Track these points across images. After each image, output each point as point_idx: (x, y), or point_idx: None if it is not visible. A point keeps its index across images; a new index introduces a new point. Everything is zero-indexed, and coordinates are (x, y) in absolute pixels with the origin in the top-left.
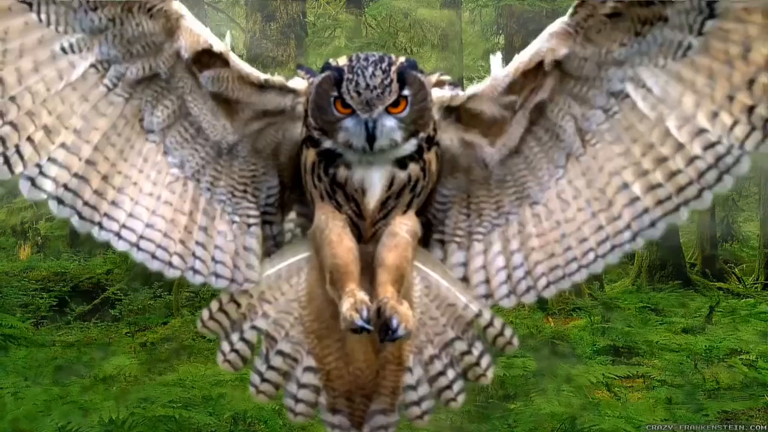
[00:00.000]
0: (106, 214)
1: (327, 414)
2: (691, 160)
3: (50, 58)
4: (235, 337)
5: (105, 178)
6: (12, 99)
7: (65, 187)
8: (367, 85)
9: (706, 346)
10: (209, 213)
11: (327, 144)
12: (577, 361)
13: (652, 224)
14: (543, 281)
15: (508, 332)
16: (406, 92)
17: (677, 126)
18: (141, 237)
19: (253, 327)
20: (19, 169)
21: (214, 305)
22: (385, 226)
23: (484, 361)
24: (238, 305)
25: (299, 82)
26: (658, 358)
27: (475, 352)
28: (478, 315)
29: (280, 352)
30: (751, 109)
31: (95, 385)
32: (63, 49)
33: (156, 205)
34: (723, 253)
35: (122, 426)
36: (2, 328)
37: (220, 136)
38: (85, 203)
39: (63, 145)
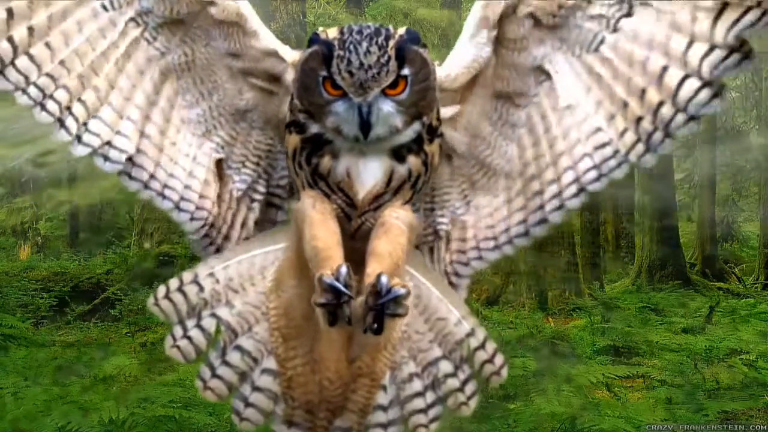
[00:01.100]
0: (152, 176)
1: (281, 426)
2: (582, 157)
3: (92, 17)
4: (190, 322)
5: (143, 134)
6: (62, 63)
7: (110, 144)
8: (361, 64)
9: (706, 346)
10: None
11: (314, 129)
12: (577, 361)
13: (539, 223)
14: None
15: (498, 360)
16: (406, 71)
17: (580, 120)
18: (164, 186)
19: (214, 315)
20: (74, 130)
21: (173, 283)
22: (375, 218)
23: (469, 389)
24: (201, 288)
25: (291, 52)
26: (658, 358)
27: (461, 375)
28: (470, 334)
29: (239, 348)
30: (638, 120)
31: (95, 385)
32: (104, 6)
33: (184, 162)
34: (723, 253)
35: (122, 426)
36: (2, 328)
37: (236, 99)
38: (130, 159)
39: (110, 104)
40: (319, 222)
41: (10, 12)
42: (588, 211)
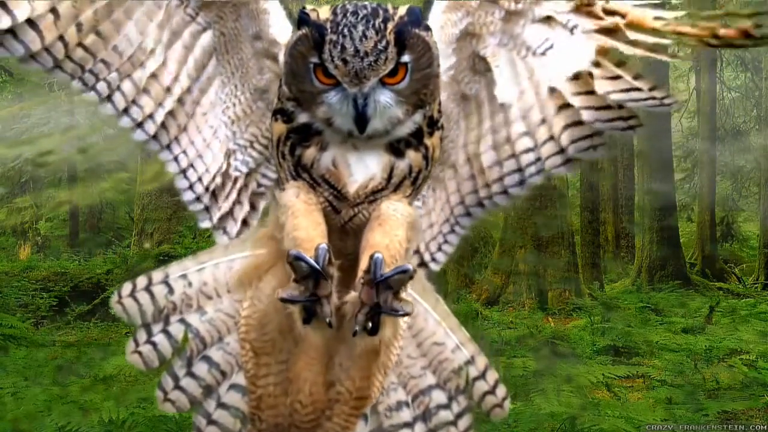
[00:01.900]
0: (175, 138)
1: None
2: (510, 156)
3: (138, 2)
4: (156, 327)
5: (180, 101)
6: (114, 49)
7: (151, 116)
8: (357, 51)
9: (706, 346)
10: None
11: (303, 118)
12: (577, 361)
13: (479, 204)
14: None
15: (500, 392)
16: (406, 58)
17: (515, 119)
18: (182, 152)
19: (183, 321)
20: (121, 106)
21: (140, 281)
22: (369, 211)
23: (463, 423)
24: (171, 290)
25: (284, 30)
26: (658, 358)
27: (455, 408)
28: (469, 362)
29: (207, 359)
30: (561, 130)
31: (95, 385)
32: None
33: (207, 133)
34: (723, 253)
35: (122, 426)
36: (2, 328)
37: (256, 77)
38: (164, 127)
39: (157, 79)
40: (303, 212)
41: (55, 12)
42: (588, 211)
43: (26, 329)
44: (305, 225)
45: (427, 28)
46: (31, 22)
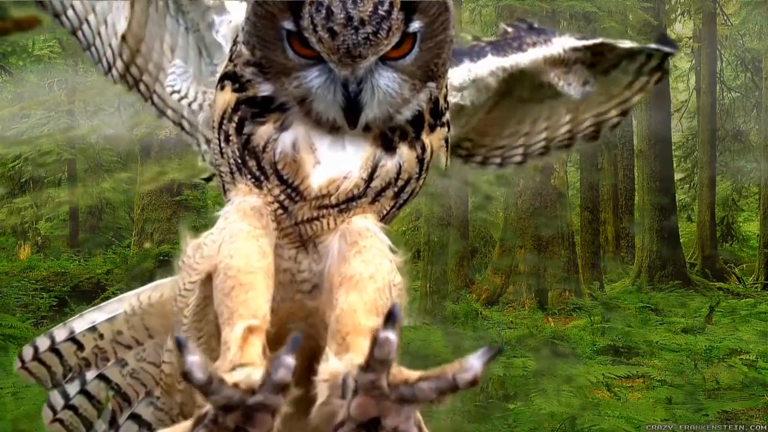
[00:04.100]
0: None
1: None
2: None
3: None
4: (72, 387)
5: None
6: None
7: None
8: (349, 19)
9: (706, 346)
10: None
11: (264, 90)
12: (577, 361)
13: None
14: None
15: None
16: (416, 25)
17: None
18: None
19: (101, 377)
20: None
21: (41, 342)
22: (335, 221)
23: None
24: (80, 347)
25: None
26: (658, 358)
27: None
28: None
29: (135, 418)
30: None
31: None
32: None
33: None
34: (723, 253)
35: None
36: (2, 328)
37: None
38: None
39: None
40: (243, 237)
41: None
42: (588, 211)
43: (26, 329)
44: (245, 252)
45: None
46: None
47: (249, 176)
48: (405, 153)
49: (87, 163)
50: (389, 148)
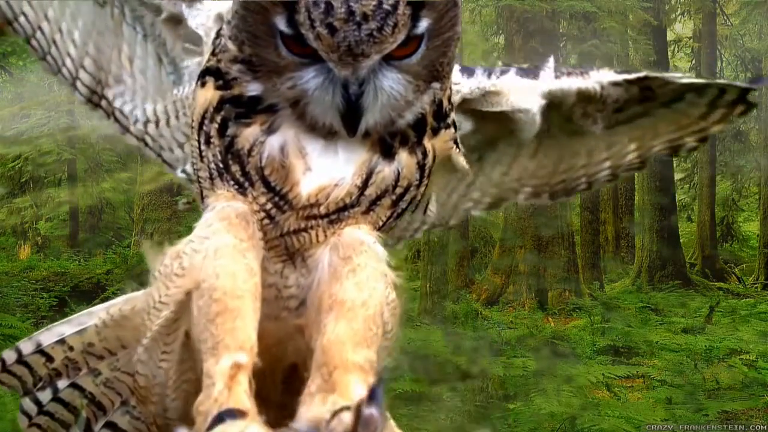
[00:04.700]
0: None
1: None
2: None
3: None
4: (44, 395)
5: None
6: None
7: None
8: (351, 13)
9: (706, 346)
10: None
11: (252, 89)
12: (577, 361)
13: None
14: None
15: None
16: (424, 23)
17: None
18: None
19: (74, 386)
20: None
21: (8, 355)
22: (325, 233)
23: None
24: (50, 359)
25: None
26: (658, 358)
27: None
28: None
29: (111, 426)
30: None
31: None
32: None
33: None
34: (723, 253)
35: None
36: (2, 328)
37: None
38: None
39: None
40: (228, 254)
41: None
42: (588, 211)
43: (26, 329)
44: (231, 271)
45: None
46: None
47: (232, 182)
48: (404, 159)
49: (87, 163)
50: (388, 154)
